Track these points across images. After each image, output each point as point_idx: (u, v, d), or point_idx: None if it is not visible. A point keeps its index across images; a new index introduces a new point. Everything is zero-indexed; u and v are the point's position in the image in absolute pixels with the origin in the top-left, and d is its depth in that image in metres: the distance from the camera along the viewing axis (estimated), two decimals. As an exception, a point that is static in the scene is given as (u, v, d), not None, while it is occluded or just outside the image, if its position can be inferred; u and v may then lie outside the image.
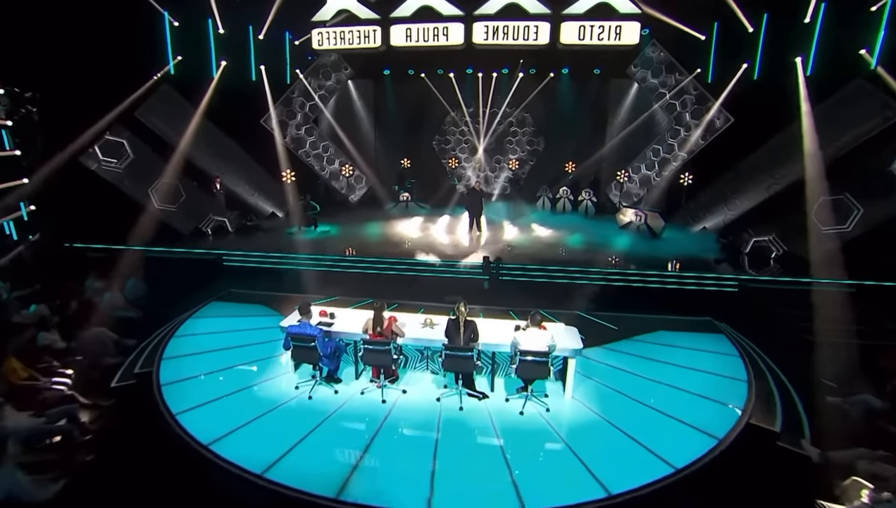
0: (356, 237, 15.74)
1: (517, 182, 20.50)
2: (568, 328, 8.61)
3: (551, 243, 15.19)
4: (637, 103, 18.75)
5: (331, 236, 16.16)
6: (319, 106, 18.92)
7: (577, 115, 18.66)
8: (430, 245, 14.63)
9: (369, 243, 15.05)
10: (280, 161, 17.93)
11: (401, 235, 15.92)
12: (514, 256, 13.87)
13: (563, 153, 19.51)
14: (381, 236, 15.92)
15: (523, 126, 20.51)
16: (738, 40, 15.87)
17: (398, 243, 15.01)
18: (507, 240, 15.40)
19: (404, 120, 19.63)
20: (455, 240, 15.31)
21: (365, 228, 16.79)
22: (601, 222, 17.69)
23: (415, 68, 19.64)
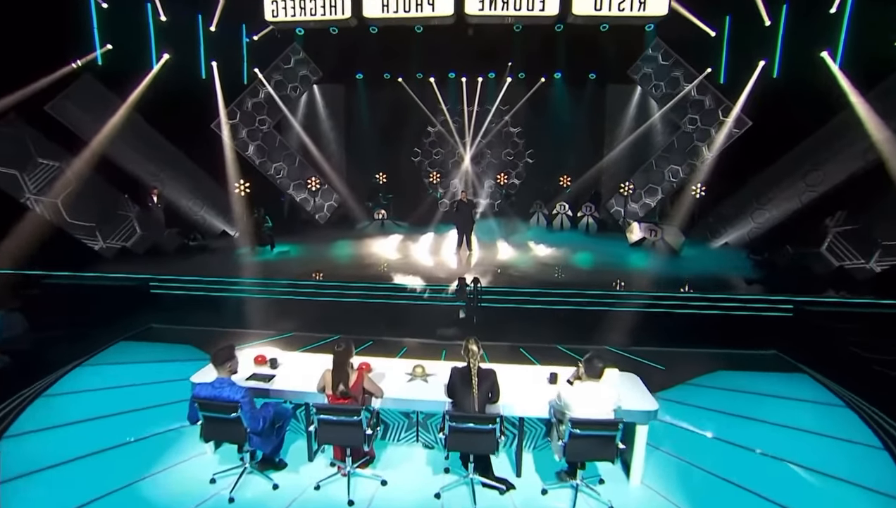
0: (321, 259, 12.72)
1: (508, 197, 17.83)
2: (626, 374, 5.60)
3: (555, 263, 12.51)
4: (640, 109, 16.56)
5: (290, 257, 12.96)
6: (283, 111, 15.92)
7: (571, 124, 16.57)
8: (412, 268, 11.77)
9: (337, 266, 12.07)
10: (233, 171, 14.70)
11: (376, 256, 13.05)
12: (513, 278, 10.98)
13: (557, 166, 17.20)
14: (352, 257, 13.02)
15: (512, 137, 18.17)
16: (754, 35, 13.61)
17: (372, 265, 12.12)
18: (502, 260, 12.66)
19: (380, 129, 17.15)
20: (441, 261, 12.54)
21: (332, 248, 13.87)
22: (606, 239, 15.13)
23: (391, 72, 17.11)
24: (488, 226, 15.75)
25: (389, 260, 12.64)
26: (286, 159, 16.53)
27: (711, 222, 14.53)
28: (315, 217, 16.73)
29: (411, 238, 14.83)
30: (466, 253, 13.12)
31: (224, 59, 14.91)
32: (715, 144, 14.88)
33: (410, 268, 11.66)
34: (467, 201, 13.13)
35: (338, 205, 16.96)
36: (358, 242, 14.53)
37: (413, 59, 16.01)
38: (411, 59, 15.99)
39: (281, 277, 10.85)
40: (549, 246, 13.95)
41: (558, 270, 11.78)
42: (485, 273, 11.31)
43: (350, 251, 13.69)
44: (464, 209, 12.90)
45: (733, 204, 14.19)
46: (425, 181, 18.15)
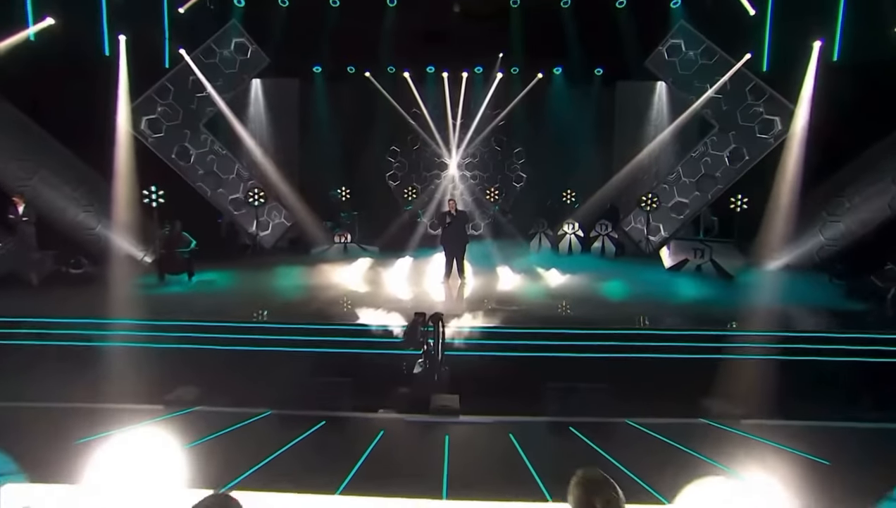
0: (256, 293, 9.48)
1: (504, 215, 15.23)
2: None
3: (577, 295, 9.51)
4: (659, 109, 14.38)
5: (212, 290, 9.51)
6: (217, 105, 12.83)
7: (575, 128, 14.30)
8: (382, 303, 8.59)
9: (274, 303, 8.84)
10: (140, 177, 11.18)
11: (332, 289, 9.85)
12: (523, 315, 7.99)
13: (558, 178, 14.76)
14: (301, 290, 9.79)
15: (503, 144, 15.81)
16: (806, 11, 11.13)
17: (324, 301, 8.94)
18: (505, 292, 9.68)
19: (343, 134, 14.67)
20: (422, 294, 9.51)
21: (276, 278, 10.60)
22: (632, 264, 12.31)
23: (356, 64, 14.56)
24: (482, 250, 12.70)
25: (350, 294, 9.50)
26: (221, 167, 13.15)
27: (761, 239, 11.66)
28: (258, 239, 13.22)
29: (382, 266, 11.76)
30: (458, 283, 10.04)
31: (137, 33, 11.58)
32: (757, 144, 12.23)
33: (379, 303, 8.46)
34: (457, 212, 10.00)
35: (289, 224, 13.90)
36: (312, 270, 11.34)
37: (383, 48, 13.54)
38: (381, 49, 13.55)
39: (187, 317, 7.29)
40: (563, 273, 11.09)
41: (579, 303, 8.73)
42: (482, 309, 8.16)
43: (298, 282, 10.41)
44: (456, 225, 9.89)
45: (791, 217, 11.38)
46: (399, 196, 15.58)
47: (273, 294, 9.46)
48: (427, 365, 5.74)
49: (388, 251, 13.27)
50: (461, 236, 10.03)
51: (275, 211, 13.77)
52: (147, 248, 11.22)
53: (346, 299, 9.13)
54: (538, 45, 13.32)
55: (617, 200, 14.54)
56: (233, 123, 13.41)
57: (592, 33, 13.11)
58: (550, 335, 7.21)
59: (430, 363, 5.74)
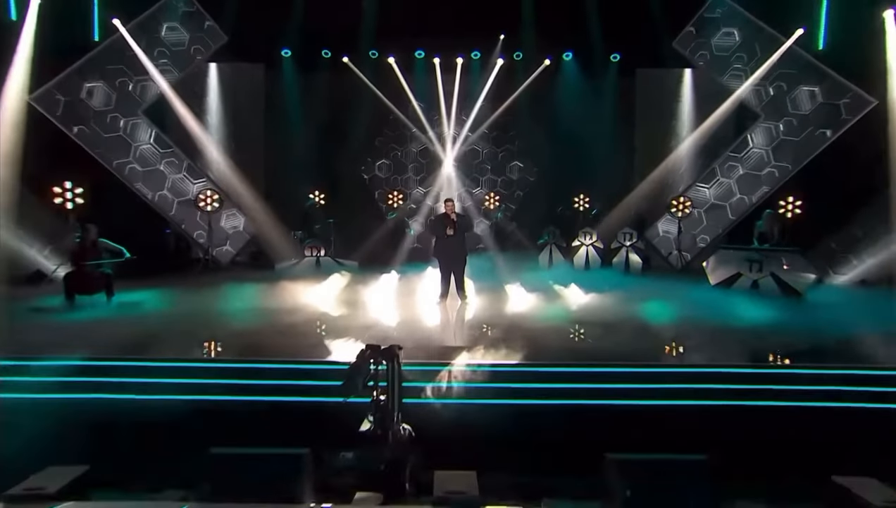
0: (198, 319, 7.47)
1: (507, 223, 13.79)
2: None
3: (608, 319, 7.60)
4: (686, 99, 12.96)
5: (135, 314, 7.67)
6: (162, 90, 11.00)
7: (588, 123, 12.88)
8: (366, 332, 6.73)
9: (230, 331, 6.98)
10: (53, 170, 9.12)
11: (300, 312, 7.94)
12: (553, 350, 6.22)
13: (570, 180, 13.46)
14: (257, 315, 7.80)
15: (504, 142, 14.37)
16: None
17: (288, 330, 7.00)
18: (516, 314, 7.94)
19: (316, 130, 13.21)
20: (414, 320, 7.75)
21: (229, 300, 8.62)
22: (665, 279, 10.64)
23: (331, 48, 12.97)
24: (483, 264, 10.95)
25: (319, 319, 7.65)
26: (167, 164, 11.20)
27: (824, 249, 9.86)
28: (212, 253, 11.38)
29: (362, 283, 9.94)
30: (457, 304, 8.29)
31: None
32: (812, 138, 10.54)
33: (355, 332, 6.62)
34: (456, 216, 8.22)
35: (250, 235, 12.10)
36: (275, 289, 9.40)
37: (365, 27, 12.14)
38: (362, 30, 12.16)
39: (83, 352, 5.26)
40: (585, 291, 9.31)
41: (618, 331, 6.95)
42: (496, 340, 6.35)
43: (254, 305, 8.38)
44: (457, 234, 8.12)
45: (862, 223, 9.61)
46: (383, 202, 14.07)
47: (216, 321, 7.44)
48: (377, 422, 3.78)
49: (370, 267, 11.50)
50: (461, 246, 8.26)
51: (233, 219, 11.95)
52: (61, 260, 9.04)
53: (313, 326, 7.18)
54: (545, 26, 11.97)
55: (639, 205, 12.92)
56: (181, 113, 11.42)
57: (608, 12, 11.74)
58: (593, 375, 5.37)
59: (382, 419, 3.78)
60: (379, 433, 3.81)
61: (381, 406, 3.85)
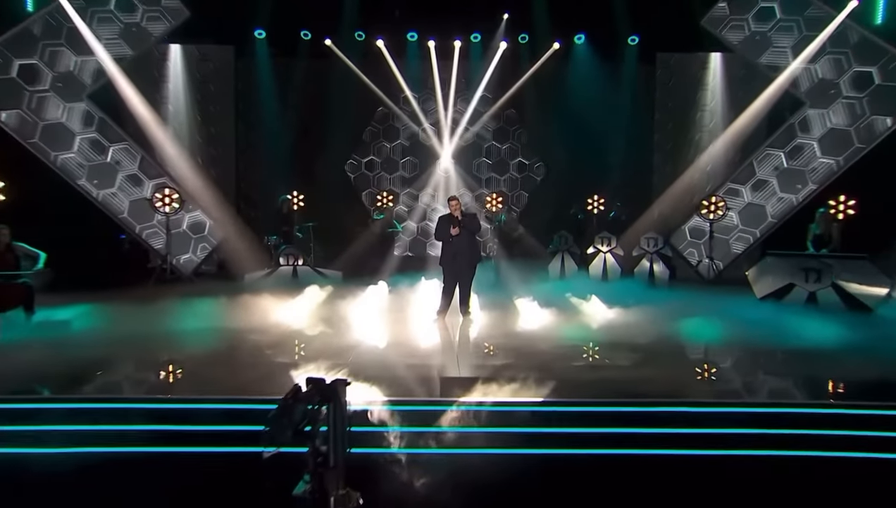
0: (143, 342, 6.26)
1: (512, 227, 12.70)
2: None
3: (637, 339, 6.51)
4: (713, 87, 11.90)
5: (65, 336, 6.41)
6: (110, 73, 9.74)
7: (603, 114, 12.11)
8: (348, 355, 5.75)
9: (168, 358, 5.91)
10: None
11: (268, 333, 6.91)
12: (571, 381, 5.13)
13: (583, 179, 12.54)
14: (220, 336, 6.69)
15: (508, 136, 13.49)
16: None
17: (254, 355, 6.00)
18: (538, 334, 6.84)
19: (293, 121, 12.33)
20: (404, 340, 6.70)
21: (183, 317, 7.40)
22: (698, 291, 9.57)
23: (311, 29, 11.98)
24: (485, 274, 9.64)
25: (289, 342, 6.54)
26: (117, 158, 10.20)
27: (890, 257, 8.63)
28: (172, 262, 10.32)
29: (344, 297, 8.79)
30: (458, 321, 7.28)
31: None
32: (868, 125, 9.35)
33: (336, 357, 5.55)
34: (462, 215, 7.21)
35: (216, 241, 10.90)
36: (241, 304, 8.27)
37: (350, 5, 11.28)
38: (347, 9, 11.29)
39: None
40: (608, 305, 8.19)
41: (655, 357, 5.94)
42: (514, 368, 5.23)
43: (212, 324, 7.14)
44: (456, 231, 7.10)
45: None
46: (371, 203, 13.26)
47: (157, 345, 6.22)
48: (315, 483, 2.51)
49: (355, 277, 10.32)
50: (470, 250, 7.23)
51: (196, 222, 10.71)
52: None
53: (279, 350, 5.98)
54: (554, 5, 11.23)
55: (662, 207, 11.90)
56: (135, 100, 10.12)
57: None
58: (628, 417, 4.41)
59: (321, 479, 2.51)
60: (317, 499, 2.58)
61: (320, 461, 2.60)
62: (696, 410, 4.51)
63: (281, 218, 11.42)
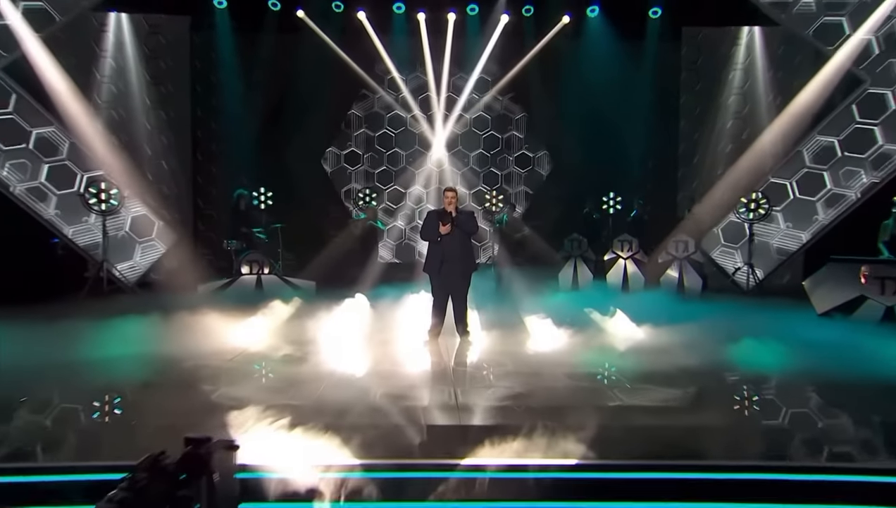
0: (33, 375, 5.16)
1: (516, 228, 11.92)
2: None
3: (698, 373, 5.53)
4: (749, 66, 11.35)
5: None
6: (24, 47, 8.86)
7: (620, 98, 11.82)
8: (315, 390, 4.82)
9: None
10: None
11: (220, 360, 5.96)
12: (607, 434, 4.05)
13: (598, 173, 12.07)
14: (147, 366, 5.71)
15: (509, 124, 13.00)
16: None
17: (190, 395, 4.88)
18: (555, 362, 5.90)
19: (259, 104, 11.94)
20: (385, 370, 5.76)
21: (111, 340, 6.33)
22: (740, 305, 8.81)
23: None
24: (485, 283, 9.49)
25: (237, 373, 5.59)
26: (41, 145, 9.25)
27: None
28: (110, 270, 9.45)
29: (315, 312, 8.05)
30: (455, 343, 6.57)
31: None
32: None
33: (280, 396, 4.71)
34: (458, 213, 6.56)
35: (165, 246, 10.27)
36: (187, 323, 7.34)
37: None
38: None
39: None
40: (636, 323, 7.37)
41: None
42: None
43: (141, 349, 6.17)
44: (453, 234, 6.48)
45: None
46: (352, 200, 12.73)
47: (53, 379, 5.12)
48: None
49: (330, 289, 9.65)
50: (464, 256, 6.56)
51: (142, 222, 10.05)
52: None
53: (224, 383, 4.98)
54: None
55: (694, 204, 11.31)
56: (56, 77, 9.25)
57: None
58: (689, 485, 3.36)
59: None
60: None
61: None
62: (789, 478, 3.46)
63: (238, 217, 10.69)
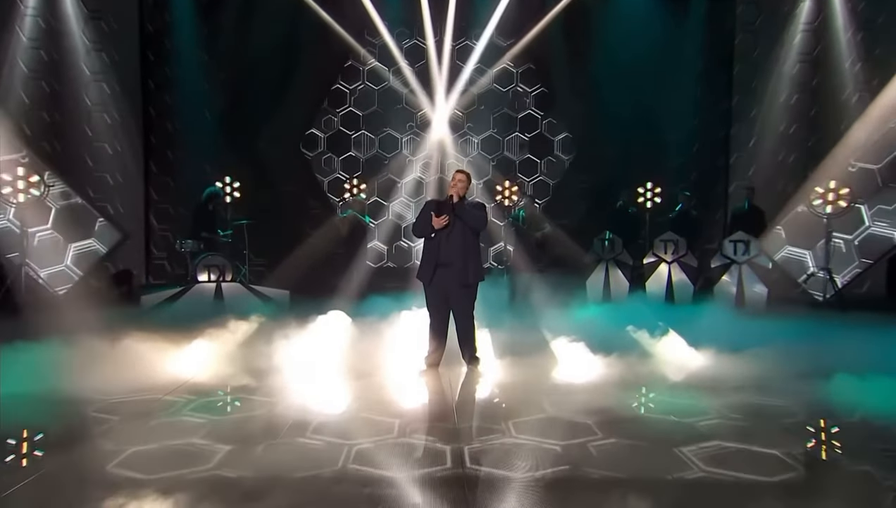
0: None
1: (533, 226, 11.28)
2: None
3: None
4: (821, 29, 10.61)
5: None
6: None
7: (660, 69, 11.38)
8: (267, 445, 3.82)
9: None
10: None
11: (144, 398, 4.98)
12: None
13: (629, 161, 11.59)
14: (53, 406, 4.62)
15: (526, 100, 12.46)
16: None
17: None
18: (598, 407, 4.81)
19: (225, 79, 11.53)
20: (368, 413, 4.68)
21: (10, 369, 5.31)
22: (820, 320, 7.94)
23: None
24: (495, 293, 8.98)
25: (171, 417, 4.64)
26: None
27: None
28: (33, 276, 8.90)
29: (286, 331, 7.31)
30: (460, 374, 5.81)
31: None
32: None
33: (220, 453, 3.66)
34: (459, 201, 5.72)
35: (106, 247, 10.16)
36: (120, 345, 6.49)
37: None
38: None
39: None
40: (698, 349, 6.57)
41: None
42: None
43: (48, 385, 5.19)
44: (443, 224, 5.66)
45: None
46: (333, 195, 12.31)
47: None
48: None
49: (306, 300, 9.10)
50: (466, 259, 5.72)
51: (76, 218, 9.75)
52: None
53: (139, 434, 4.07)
54: None
55: None
56: None
57: None
58: None
59: None
60: None
61: None
62: None
63: (205, 220, 10.01)
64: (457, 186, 5.57)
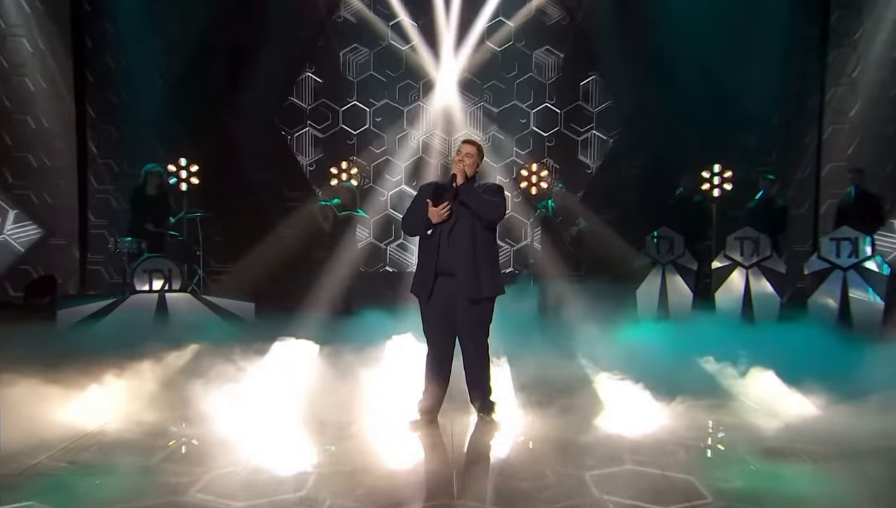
0: None
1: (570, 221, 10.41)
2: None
3: None
4: None
5: None
6: None
7: (732, 22, 10.88)
8: None
9: None
10: None
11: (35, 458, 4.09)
12: None
13: (689, 142, 11.13)
14: None
15: (558, 64, 12.33)
16: None
17: None
18: None
19: (181, 39, 11.13)
20: (350, 477, 3.81)
21: None
22: None
23: None
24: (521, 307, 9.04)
25: None
26: None
27: None
28: None
29: (248, 358, 6.83)
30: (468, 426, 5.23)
31: None
32: None
33: None
34: (465, 181, 4.74)
35: (24, 247, 10.17)
36: (25, 375, 5.64)
37: None
38: None
39: None
40: (793, 385, 5.94)
41: None
42: None
43: None
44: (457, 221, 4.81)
45: None
46: (315, 184, 12.11)
47: None
48: None
49: (276, 313, 8.87)
50: (479, 258, 5.02)
51: None
52: None
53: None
54: None
55: None
56: None
57: None
58: None
59: None
60: None
61: None
62: None
63: (144, 207, 9.43)
64: (463, 162, 4.70)
